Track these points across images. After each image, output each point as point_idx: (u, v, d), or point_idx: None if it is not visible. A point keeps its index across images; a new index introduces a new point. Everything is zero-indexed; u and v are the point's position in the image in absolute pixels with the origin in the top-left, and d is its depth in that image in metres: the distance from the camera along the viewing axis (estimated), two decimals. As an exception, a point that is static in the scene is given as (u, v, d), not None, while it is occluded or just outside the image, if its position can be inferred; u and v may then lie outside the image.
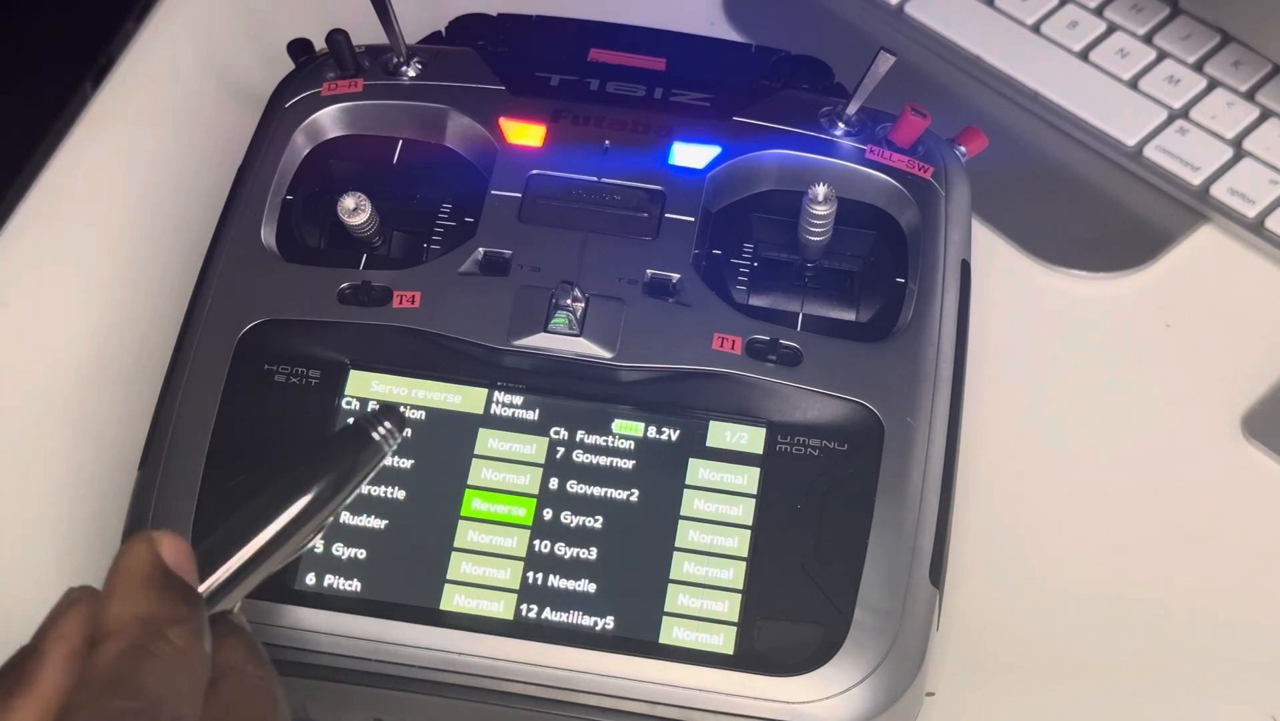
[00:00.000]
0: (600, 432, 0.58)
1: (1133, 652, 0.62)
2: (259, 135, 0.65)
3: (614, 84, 0.66)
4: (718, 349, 0.59)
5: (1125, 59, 0.76)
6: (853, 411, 0.58)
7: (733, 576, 0.56)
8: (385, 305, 0.60)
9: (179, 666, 0.43)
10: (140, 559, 0.45)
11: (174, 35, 0.81)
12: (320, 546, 0.56)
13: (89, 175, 0.76)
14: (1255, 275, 0.72)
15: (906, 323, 0.61)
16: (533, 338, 0.59)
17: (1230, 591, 0.63)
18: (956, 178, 0.65)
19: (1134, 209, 0.74)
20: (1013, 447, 0.67)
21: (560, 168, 0.63)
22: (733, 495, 0.57)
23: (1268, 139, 0.74)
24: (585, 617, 0.56)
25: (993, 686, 0.61)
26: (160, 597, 0.44)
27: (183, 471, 0.57)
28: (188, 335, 0.60)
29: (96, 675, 0.42)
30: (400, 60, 0.66)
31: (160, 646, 0.43)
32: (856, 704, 0.54)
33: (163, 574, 0.45)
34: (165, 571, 0.45)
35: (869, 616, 0.55)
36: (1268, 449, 0.66)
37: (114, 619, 0.44)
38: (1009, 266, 0.72)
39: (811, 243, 0.61)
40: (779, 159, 0.64)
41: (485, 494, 0.57)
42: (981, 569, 0.63)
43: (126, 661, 0.43)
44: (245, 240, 0.62)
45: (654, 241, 0.61)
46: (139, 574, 0.44)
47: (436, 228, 0.62)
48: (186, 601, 0.45)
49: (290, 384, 0.59)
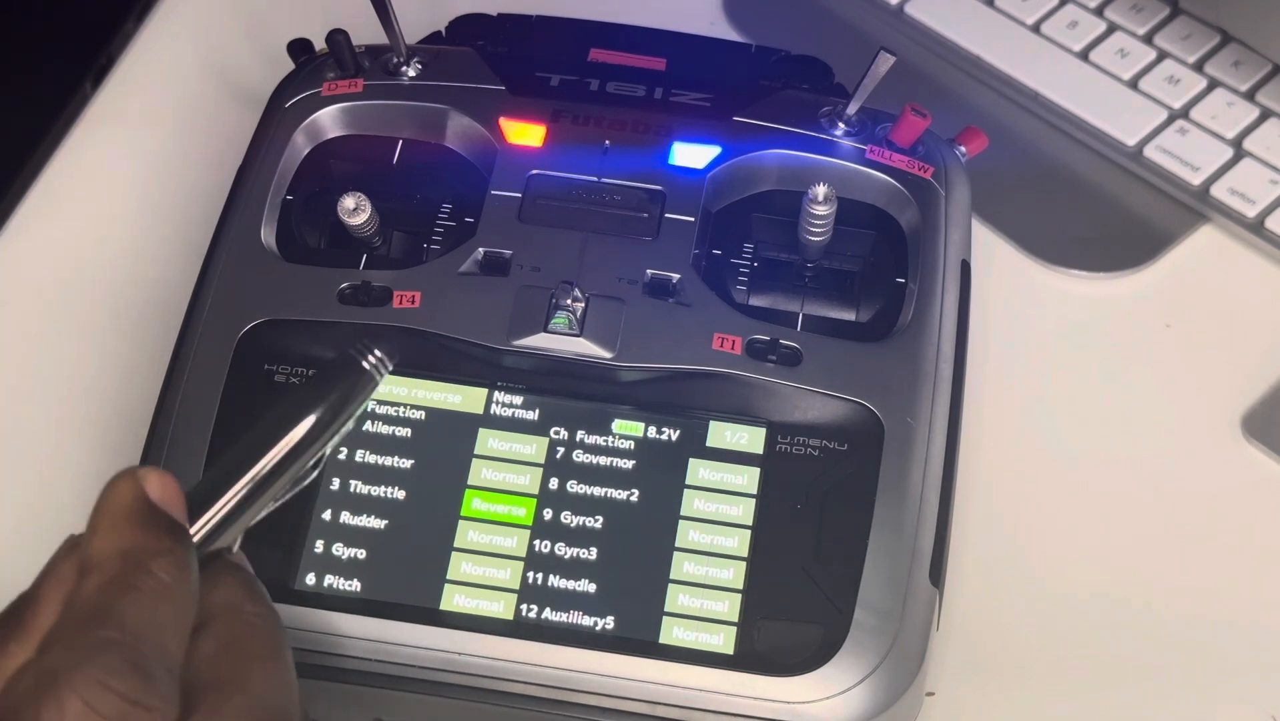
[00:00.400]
0: (600, 432, 0.58)
1: (1133, 652, 0.62)
2: (259, 135, 0.65)
3: (614, 84, 0.66)
4: (718, 349, 0.59)
5: (1125, 59, 0.76)
6: (853, 411, 0.58)
7: (733, 576, 0.56)
8: (385, 305, 0.60)
9: (161, 598, 0.43)
10: (124, 494, 0.44)
11: (174, 35, 0.81)
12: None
13: (89, 175, 0.76)
14: (1255, 275, 0.72)
15: (906, 322, 0.61)
16: (533, 338, 0.59)
17: (1230, 591, 0.63)
18: (956, 178, 0.65)
19: (1134, 209, 0.74)
20: (1013, 447, 0.67)
21: (560, 168, 0.63)
22: (733, 495, 0.57)
23: (1268, 139, 0.74)
24: (585, 617, 0.56)
25: (993, 686, 0.61)
26: (143, 531, 0.44)
27: (183, 471, 0.57)
28: (188, 335, 0.60)
29: (77, 608, 0.42)
30: (400, 60, 0.66)
31: (142, 579, 0.42)
32: (856, 704, 0.54)
33: (146, 507, 0.44)
34: (149, 505, 0.44)
35: (869, 616, 0.55)
36: (1268, 449, 0.66)
37: (96, 553, 0.43)
38: (1009, 266, 0.72)
39: (811, 243, 0.61)
40: (779, 159, 0.64)
41: (485, 494, 0.57)
42: (981, 569, 0.63)
43: (107, 594, 0.42)
44: (245, 240, 0.62)
45: (654, 241, 0.61)
46: (122, 509, 0.44)
47: (436, 228, 0.62)
48: (171, 534, 0.44)
49: (290, 384, 0.59)
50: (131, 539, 0.43)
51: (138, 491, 0.44)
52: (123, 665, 0.40)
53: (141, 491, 0.44)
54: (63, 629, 0.42)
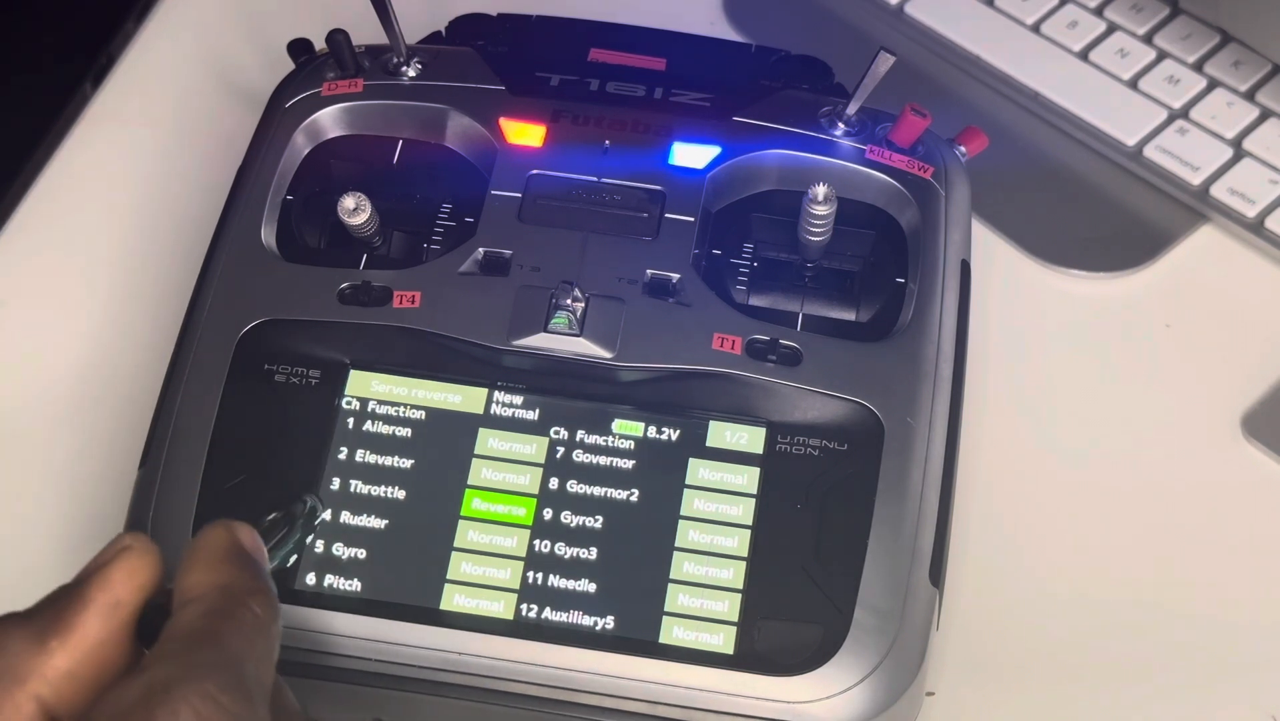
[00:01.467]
0: (600, 432, 0.58)
1: (1133, 652, 0.62)
2: (259, 135, 0.65)
3: (614, 84, 0.66)
4: (718, 349, 0.59)
5: (1125, 59, 0.76)
6: (853, 411, 0.58)
7: (733, 576, 0.56)
8: (385, 305, 0.60)
9: (258, 631, 0.45)
10: (220, 537, 0.47)
11: (174, 35, 0.81)
12: (320, 547, 0.56)
13: (89, 175, 0.76)
14: (1255, 275, 0.72)
15: (906, 323, 0.61)
16: (533, 337, 0.59)
17: (1230, 591, 0.63)
18: (956, 178, 0.65)
19: (1134, 209, 0.74)
20: (1013, 447, 0.67)
21: (560, 168, 0.63)
22: (733, 495, 0.57)
23: (1268, 139, 0.74)
24: (585, 617, 0.56)
25: (993, 686, 0.61)
26: (240, 570, 0.46)
27: (183, 471, 0.57)
28: (188, 335, 0.60)
29: (180, 631, 0.44)
30: (400, 60, 0.66)
31: (241, 612, 0.45)
32: (856, 704, 0.54)
33: (241, 551, 0.47)
34: (243, 549, 0.47)
35: (869, 616, 0.55)
36: (1268, 449, 0.66)
37: (194, 585, 0.46)
38: (1009, 266, 0.72)
39: (811, 243, 0.61)
40: (779, 159, 0.64)
41: (485, 494, 0.57)
42: (981, 569, 0.63)
43: (210, 621, 0.44)
44: (245, 240, 0.62)
45: (654, 241, 0.61)
46: (219, 549, 0.47)
47: (436, 228, 0.62)
48: (264, 577, 0.47)
49: (290, 384, 0.59)
50: (229, 576, 0.46)
51: (233, 537, 0.48)
52: (228, 684, 0.42)
53: (236, 537, 0.48)
54: (169, 647, 0.44)
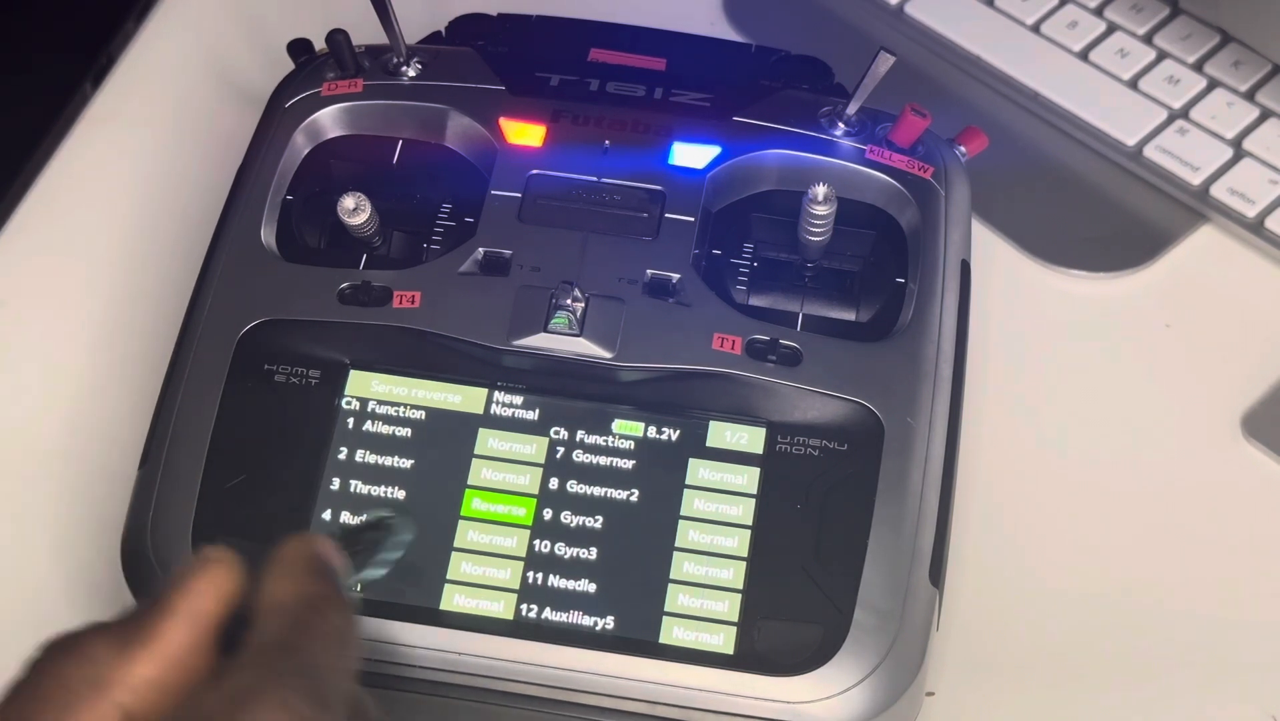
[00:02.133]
0: (600, 432, 0.58)
1: (1133, 652, 0.62)
2: (259, 135, 0.65)
3: (614, 84, 0.66)
4: (718, 349, 0.59)
5: (1125, 59, 0.76)
6: (853, 411, 0.58)
7: (733, 576, 0.56)
8: (385, 305, 0.60)
9: (340, 642, 0.45)
10: (301, 549, 0.47)
11: (174, 35, 0.81)
12: None
13: (89, 175, 0.76)
14: (1255, 275, 0.72)
15: (906, 323, 0.61)
16: (533, 337, 0.59)
17: (1230, 591, 0.63)
18: (956, 178, 0.65)
19: (1134, 209, 0.74)
20: (1013, 447, 0.67)
21: (560, 168, 0.63)
22: (733, 495, 0.57)
23: (1268, 139, 0.73)
24: (585, 617, 0.56)
25: (993, 686, 0.61)
26: (322, 582, 0.46)
27: (183, 471, 0.57)
28: (188, 335, 0.60)
29: (261, 640, 0.44)
30: (400, 60, 0.66)
31: (322, 623, 0.45)
32: (856, 704, 0.54)
33: (322, 564, 0.47)
34: (325, 562, 0.47)
35: (869, 616, 0.55)
36: (1268, 449, 0.66)
37: (276, 594, 0.46)
38: (1009, 266, 0.72)
39: (811, 243, 0.61)
40: (779, 159, 0.64)
41: (485, 494, 0.57)
42: (981, 569, 0.63)
43: (294, 632, 0.44)
44: (245, 240, 0.62)
45: (654, 241, 0.61)
46: (300, 561, 0.47)
47: (436, 228, 0.62)
48: (343, 590, 0.47)
49: (290, 384, 0.59)
50: (311, 587, 0.46)
51: (314, 549, 0.47)
52: (308, 693, 0.42)
53: (317, 550, 0.47)
54: (249, 657, 0.44)
